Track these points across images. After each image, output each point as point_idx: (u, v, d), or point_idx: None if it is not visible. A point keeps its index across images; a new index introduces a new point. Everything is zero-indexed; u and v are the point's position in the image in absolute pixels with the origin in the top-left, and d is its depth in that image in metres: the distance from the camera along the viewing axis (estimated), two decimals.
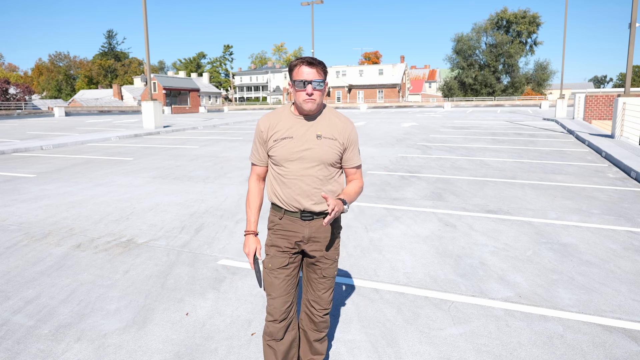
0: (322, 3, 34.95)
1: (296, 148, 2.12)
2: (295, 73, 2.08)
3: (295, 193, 2.15)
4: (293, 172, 2.14)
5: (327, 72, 2.14)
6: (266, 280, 2.25)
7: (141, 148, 14.20)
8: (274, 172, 2.21)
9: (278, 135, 2.15)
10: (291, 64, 2.11)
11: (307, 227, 2.19)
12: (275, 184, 2.21)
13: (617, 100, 14.36)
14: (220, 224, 5.56)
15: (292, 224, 2.20)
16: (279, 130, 2.16)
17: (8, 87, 49.95)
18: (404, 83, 74.48)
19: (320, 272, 2.29)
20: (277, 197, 2.20)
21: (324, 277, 2.30)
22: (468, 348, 2.84)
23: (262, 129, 2.19)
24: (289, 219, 2.20)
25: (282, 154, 2.13)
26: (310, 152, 2.12)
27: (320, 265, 2.28)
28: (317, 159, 2.13)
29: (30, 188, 7.93)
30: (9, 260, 4.45)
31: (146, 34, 21.63)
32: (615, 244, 4.69)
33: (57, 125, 27.00)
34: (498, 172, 8.98)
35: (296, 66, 2.08)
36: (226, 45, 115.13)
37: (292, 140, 2.13)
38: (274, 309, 2.22)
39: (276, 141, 2.15)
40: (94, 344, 2.93)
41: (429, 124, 23.46)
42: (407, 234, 5.11)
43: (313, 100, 2.07)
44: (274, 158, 2.18)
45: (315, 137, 2.13)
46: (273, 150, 2.16)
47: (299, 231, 2.20)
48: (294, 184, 2.14)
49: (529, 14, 63.76)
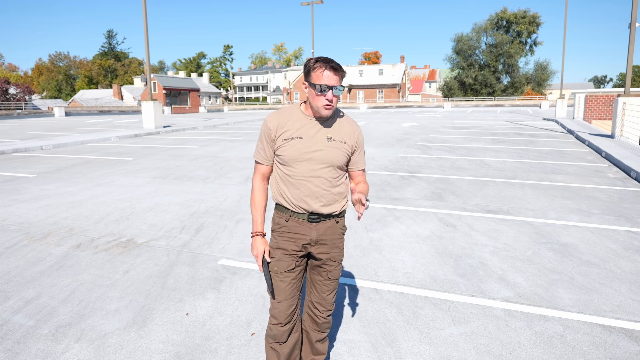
0: (322, 3, 34.95)
1: (306, 149, 2.08)
2: (317, 76, 1.99)
3: (304, 194, 2.10)
4: (302, 173, 2.09)
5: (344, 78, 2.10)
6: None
7: (141, 148, 14.20)
8: (281, 172, 2.15)
9: (288, 134, 2.09)
10: (310, 63, 2.01)
11: (314, 229, 2.16)
12: (282, 185, 2.15)
13: (617, 100, 14.36)
14: (220, 224, 5.56)
15: (299, 226, 2.16)
16: (288, 129, 2.10)
17: (8, 87, 49.95)
18: (404, 83, 74.49)
19: (325, 274, 2.26)
20: (284, 198, 2.15)
21: (329, 279, 2.27)
22: (468, 348, 2.84)
23: (271, 127, 2.11)
24: (296, 220, 2.15)
25: (292, 154, 2.08)
26: (321, 154, 2.09)
27: (326, 267, 2.25)
28: (327, 161, 2.10)
29: (30, 188, 7.93)
30: (9, 260, 4.45)
31: (146, 34, 21.63)
32: (615, 244, 4.69)
33: (57, 125, 27.01)
34: (498, 172, 8.98)
35: (318, 68, 1.99)
36: (226, 45, 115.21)
37: (302, 140, 2.08)
38: (278, 313, 2.19)
39: (285, 140, 2.09)
40: (94, 344, 2.93)
41: (429, 124, 23.46)
42: (407, 234, 5.11)
43: (331, 107, 2.03)
44: (282, 158, 2.11)
45: (325, 139, 2.10)
46: (282, 149, 2.09)
47: (306, 233, 2.16)
48: (302, 185, 2.10)
49: (528, 14, 63.75)
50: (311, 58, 2.05)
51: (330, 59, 2.03)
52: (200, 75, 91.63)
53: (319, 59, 2.01)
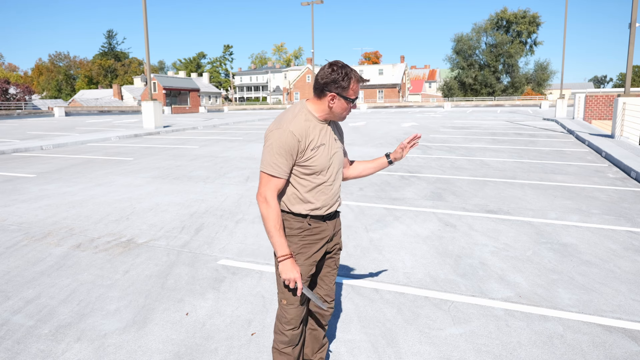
0: (322, 3, 34.96)
1: (330, 154, 2.08)
2: (351, 89, 2.00)
3: (330, 198, 2.13)
4: (329, 179, 2.10)
5: None
6: (290, 290, 2.13)
7: (141, 148, 14.20)
8: (306, 182, 2.05)
9: (314, 143, 2.01)
10: (349, 73, 1.97)
11: (331, 225, 2.21)
12: (308, 195, 2.06)
13: (617, 100, 14.36)
14: (220, 224, 5.56)
15: (318, 227, 2.14)
16: (313, 137, 2.02)
17: (8, 87, 49.97)
18: (404, 83, 74.49)
19: (334, 263, 2.33)
20: (310, 208, 2.09)
21: (336, 267, 2.36)
22: (468, 348, 2.84)
23: (300, 138, 1.96)
24: (315, 222, 2.12)
25: (322, 162, 2.03)
26: (338, 156, 2.14)
27: (335, 256, 2.33)
28: (341, 161, 2.19)
29: (30, 188, 7.93)
30: (9, 260, 4.45)
31: (146, 34, 21.63)
32: (615, 244, 4.69)
33: (57, 125, 27.00)
34: (498, 172, 8.98)
35: (354, 80, 1.99)
36: (226, 45, 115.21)
37: (325, 146, 2.06)
38: (294, 318, 2.17)
39: (313, 150, 2.01)
40: (94, 344, 2.93)
41: (429, 124, 23.46)
42: (407, 234, 5.11)
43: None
44: (312, 168, 2.01)
45: (334, 140, 2.14)
46: (313, 159, 2.00)
47: (327, 231, 2.19)
48: (329, 190, 2.10)
49: (528, 14, 63.77)
50: (334, 69, 1.96)
51: (354, 69, 2.05)
52: (200, 75, 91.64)
53: (350, 72, 1.97)
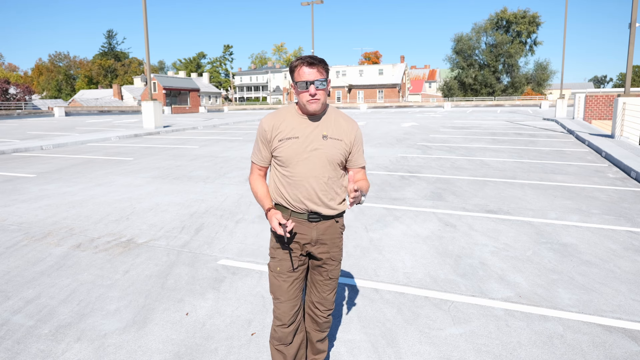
0: (322, 3, 34.94)
1: (302, 148, 2.09)
2: (297, 74, 2.04)
3: (303, 195, 2.11)
4: (300, 173, 2.09)
5: (328, 70, 2.10)
6: (274, 283, 2.22)
7: (141, 148, 14.20)
8: (279, 174, 2.16)
9: (282, 135, 2.11)
10: (292, 64, 2.07)
11: (314, 229, 2.16)
12: (280, 186, 2.15)
13: (617, 100, 14.36)
14: (220, 223, 5.56)
15: (300, 226, 2.16)
16: (283, 130, 2.11)
17: (8, 87, 49.95)
18: (404, 83, 74.47)
19: (326, 274, 2.27)
20: (283, 198, 2.15)
21: (330, 278, 2.29)
22: (468, 348, 2.84)
23: (266, 128, 2.13)
24: (296, 220, 2.16)
25: (289, 155, 2.09)
26: (317, 153, 2.09)
27: (327, 267, 2.26)
28: (324, 160, 2.10)
29: (30, 188, 7.93)
30: (9, 260, 4.45)
31: (146, 34, 21.63)
32: (615, 244, 4.69)
33: (57, 125, 27.00)
34: (498, 172, 8.98)
35: (297, 67, 2.04)
36: (226, 45, 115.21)
37: (297, 140, 2.09)
38: (282, 314, 2.19)
39: (281, 141, 2.10)
40: (94, 344, 2.93)
41: (429, 124, 23.46)
42: (407, 234, 5.11)
43: (317, 101, 2.04)
44: (279, 159, 2.12)
45: (321, 138, 2.10)
46: (278, 150, 2.11)
47: (307, 233, 2.17)
48: (301, 185, 2.10)
49: (528, 14, 63.73)
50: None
51: (309, 55, 2.06)
52: (200, 75, 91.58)
53: (298, 58, 2.06)
